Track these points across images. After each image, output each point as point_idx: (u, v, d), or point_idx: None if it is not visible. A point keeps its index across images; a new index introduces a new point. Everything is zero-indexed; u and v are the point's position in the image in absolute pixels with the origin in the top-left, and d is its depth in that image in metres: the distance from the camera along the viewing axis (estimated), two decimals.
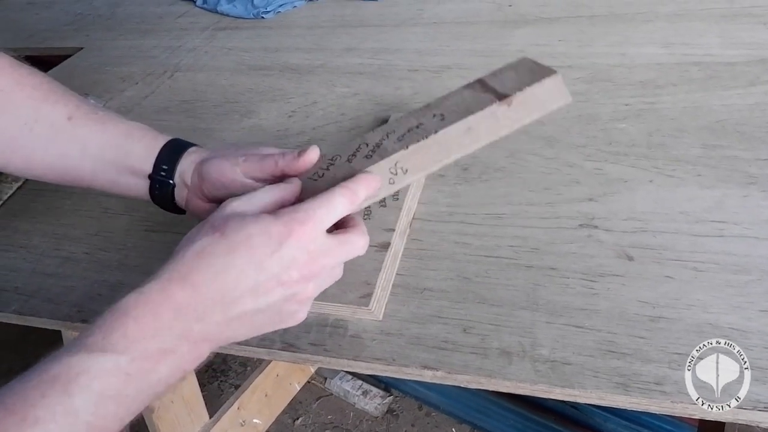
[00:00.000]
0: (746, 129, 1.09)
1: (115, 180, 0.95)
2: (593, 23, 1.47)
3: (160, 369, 0.67)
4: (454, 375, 0.83)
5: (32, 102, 0.94)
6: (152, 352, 0.66)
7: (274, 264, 0.71)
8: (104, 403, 0.62)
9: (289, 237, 0.71)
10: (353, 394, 2.50)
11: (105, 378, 0.63)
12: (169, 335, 0.67)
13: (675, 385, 0.76)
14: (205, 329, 0.70)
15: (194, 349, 0.70)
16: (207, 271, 0.69)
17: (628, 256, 0.92)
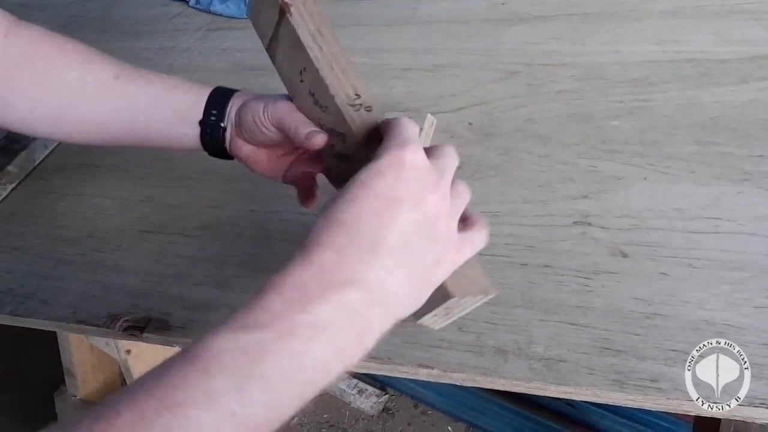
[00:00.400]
0: (739, 126, 1.09)
1: (166, 132, 0.95)
2: (586, 21, 1.47)
3: (314, 348, 0.58)
4: (450, 373, 0.83)
5: (77, 65, 0.95)
6: (302, 329, 0.58)
7: (403, 191, 0.64)
8: (249, 387, 0.55)
9: (403, 161, 0.65)
10: (349, 392, 2.50)
11: (248, 357, 0.55)
12: (321, 306, 0.59)
13: (671, 382, 0.76)
14: (367, 292, 0.61)
15: (360, 320, 0.61)
16: (341, 229, 0.62)
17: (623, 253, 0.92)
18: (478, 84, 1.34)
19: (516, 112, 1.24)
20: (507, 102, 1.27)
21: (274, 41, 0.86)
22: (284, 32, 0.82)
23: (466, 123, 1.23)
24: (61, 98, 0.94)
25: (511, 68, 1.36)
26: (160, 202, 1.21)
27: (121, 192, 1.26)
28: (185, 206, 1.19)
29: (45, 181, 1.34)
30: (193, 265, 1.06)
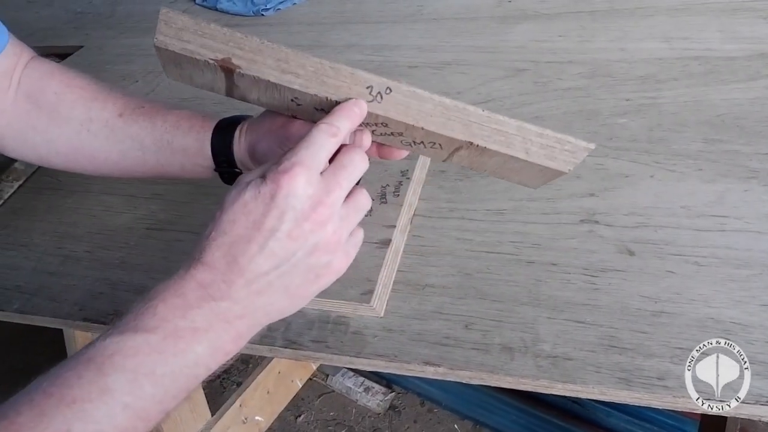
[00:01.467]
0: (747, 123, 1.09)
1: (181, 170, 0.97)
2: (594, 18, 1.47)
3: (195, 348, 0.66)
4: (456, 371, 0.83)
5: (82, 102, 0.96)
6: (184, 331, 0.66)
7: (276, 222, 0.68)
8: (139, 382, 0.62)
9: (280, 190, 0.68)
10: (355, 390, 2.50)
11: (137, 356, 0.63)
12: (199, 314, 0.67)
13: (677, 380, 0.76)
14: (235, 306, 0.69)
15: (230, 327, 0.69)
16: (217, 249, 0.69)
17: (630, 251, 0.92)
18: (485, 81, 1.34)
19: (523, 110, 1.23)
20: (514, 99, 1.27)
21: (234, 92, 0.82)
22: (245, 83, 0.78)
23: None
24: (70, 135, 0.96)
25: (518, 65, 1.36)
26: (167, 199, 1.21)
27: (128, 189, 1.26)
28: (192, 203, 1.19)
29: (52, 178, 1.34)
30: None
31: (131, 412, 0.61)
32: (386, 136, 0.83)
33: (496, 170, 0.83)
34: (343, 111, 0.75)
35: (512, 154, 0.77)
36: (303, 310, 0.92)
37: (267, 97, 0.81)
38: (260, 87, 0.78)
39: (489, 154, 0.78)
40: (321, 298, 0.90)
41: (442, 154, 0.83)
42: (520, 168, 0.79)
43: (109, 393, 0.60)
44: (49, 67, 0.97)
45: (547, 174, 0.80)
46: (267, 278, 0.69)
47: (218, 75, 0.78)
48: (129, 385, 0.61)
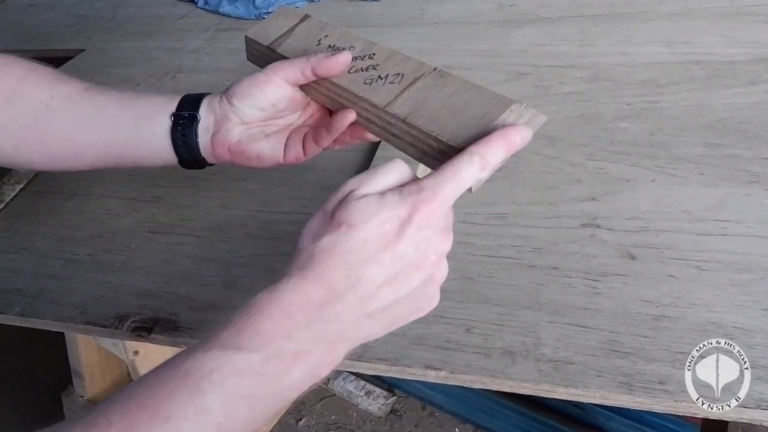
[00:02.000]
0: (748, 128, 1.09)
1: (132, 135, 0.94)
2: (595, 22, 1.47)
3: (293, 372, 0.63)
4: (458, 375, 0.83)
5: (47, 82, 0.95)
6: (286, 353, 0.62)
7: (408, 249, 0.66)
8: (235, 403, 0.60)
9: (418, 217, 0.65)
10: (356, 394, 2.50)
11: (237, 377, 0.60)
12: (304, 336, 0.63)
13: (678, 384, 0.76)
14: (342, 329, 0.65)
15: (331, 350, 0.65)
16: (341, 268, 0.65)
17: (631, 255, 0.92)
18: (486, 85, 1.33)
19: None
20: None
21: (282, 37, 0.94)
22: (303, 27, 0.94)
23: None
24: (27, 116, 0.93)
25: (520, 69, 1.37)
26: (168, 203, 1.21)
27: (129, 192, 1.26)
28: (194, 206, 1.19)
29: (53, 181, 1.34)
30: (202, 265, 1.06)
31: (223, 430, 0.59)
32: (357, 73, 0.85)
33: (435, 112, 0.77)
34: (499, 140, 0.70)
35: (468, 80, 0.78)
36: None
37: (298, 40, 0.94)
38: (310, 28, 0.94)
39: (447, 81, 0.79)
40: None
41: (395, 90, 0.82)
42: (467, 101, 0.76)
43: (205, 413, 0.58)
44: (12, 58, 0.95)
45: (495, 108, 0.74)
46: (385, 307, 0.67)
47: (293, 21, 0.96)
48: (225, 406, 0.59)
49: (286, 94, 0.89)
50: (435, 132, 0.74)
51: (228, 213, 1.15)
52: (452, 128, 0.73)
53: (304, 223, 0.69)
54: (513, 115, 0.72)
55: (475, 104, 0.74)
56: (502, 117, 0.72)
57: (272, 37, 0.95)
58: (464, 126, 0.73)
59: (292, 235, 1.05)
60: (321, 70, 0.85)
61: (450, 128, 0.73)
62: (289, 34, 0.94)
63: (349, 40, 0.89)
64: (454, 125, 0.74)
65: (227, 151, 0.93)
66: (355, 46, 0.87)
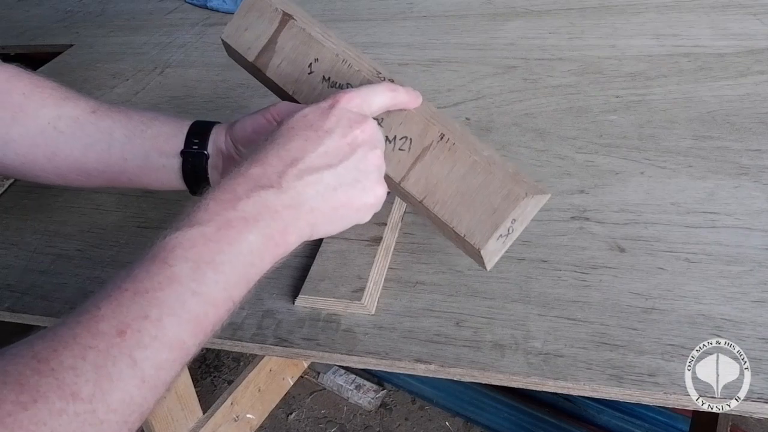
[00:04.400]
0: (737, 120, 1.09)
1: (142, 165, 0.96)
2: (583, 15, 1.47)
3: (247, 237, 0.70)
4: (447, 368, 0.83)
5: (53, 101, 0.95)
6: (236, 222, 0.70)
7: (332, 125, 0.77)
8: (201, 270, 0.66)
9: (337, 103, 0.78)
10: (346, 388, 2.50)
11: (196, 247, 0.67)
12: (247, 204, 0.71)
13: (668, 377, 0.76)
14: (283, 195, 0.73)
15: (278, 217, 0.72)
16: (272, 148, 0.75)
17: (620, 247, 0.93)
18: (475, 79, 1.34)
19: (513, 107, 1.24)
20: (504, 96, 1.27)
21: (267, 51, 0.95)
22: (286, 38, 0.93)
23: (463, 118, 1.23)
24: (33, 134, 0.94)
25: (508, 63, 1.37)
26: (157, 198, 1.21)
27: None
28: (183, 201, 1.18)
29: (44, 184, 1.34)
30: None
31: (200, 298, 0.65)
32: None
33: (449, 198, 0.82)
34: (408, 89, 0.86)
35: (477, 159, 0.79)
36: (294, 308, 0.92)
37: (287, 62, 0.94)
38: (296, 43, 0.93)
39: (456, 156, 0.81)
40: (312, 296, 0.90)
41: (407, 161, 0.84)
42: (477, 188, 0.79)
43: (176, 281, 0.65)
44: (16, 70, 0.96)
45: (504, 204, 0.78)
46: (318, 174, 0.75)
47: (272, 25, 0.95)
48: (193, 273, 0.66)
49: None
50: (451, 223, 0.80)
51: None
52: (467, 222, 0.80)
53: None
54: (520, 208, 0.78)
55: (486, 193, 0.79)
56: (512, 213, 0.78)
57: (253, 48, 0.96)
58: (478, 221, 0.79)
59: None
60: None
61: (465, 221, 0.80)
62: (273, 47, 0.95)
63: (343, 73, 0.89)
64: (469, 218, 0.80)
65: None
66: (352, 85, 0.88)
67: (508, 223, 0.77)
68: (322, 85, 0.90)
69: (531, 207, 0.78)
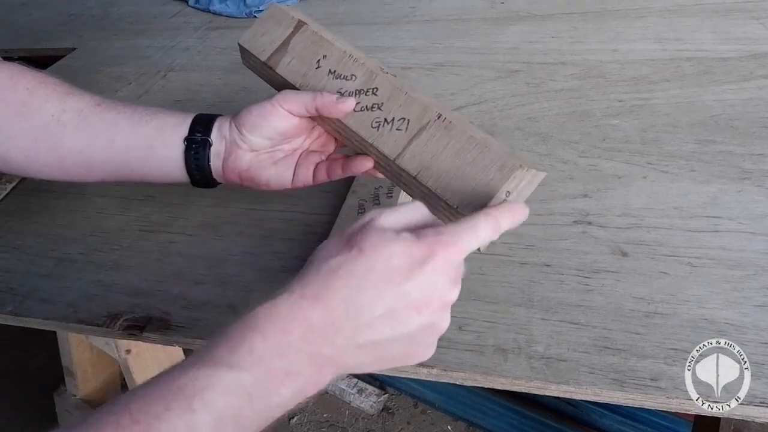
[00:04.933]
0: (740, 124, 1.09)
1: (146, 155, 0.95)
2: (586, 19, 1.47)
3: (282, 391, 0.63)
4: (450, 372, 0.83)
5: (57, 95, 0.95)
6: (277, 373, 0.62)
7: (414, 289, 0.64)
8: (224, 422, 0.60)
9: (432, 260, 0.65)
10: (349, 392, 2.50)
11: (228, 396, 0.60)
12: (296, 356, 0.63)
13: (671, 381, 0.76)
14: (334, 353, 0.64)
15: (318, 373, 0.64)
16: (342, 291, 0.64)
17: (623, 252, 0.92)
18: (477, 83, 1.34)
19: (516, 111, 1.24)
20: (507, 101, 1.27)
21: (279, 52, 0.96)
22: (298, 40, 0.95)
23: None
24: (37, 129, 0.94)
25: (511, 67, 1.37)
26: (160, 201, 1.21)
27: (121, 191, 1.26)
28: (186, 205, 1.19)
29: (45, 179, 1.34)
30: (194, 263, 1.05)
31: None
32: (363, 112, 0.88)
33: (443, 172, 0.80)
34: (510, 211, 0.73)
35: (473, 135, 0.78)
36: None
37: (297, 60, 0.95)
38: (307, 43, 0.94)
39: (452, 134, 0.80)
40: None
41: (403, 140, 0.83)
42: (472, 161, 0.78)
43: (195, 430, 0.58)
44: (19, 67, 0.96)
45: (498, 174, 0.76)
46: (378, 341, 0.65)
47: (287, 31, 0.97)
48: (214, 424, 0.59)
49: (292, 124, 0.91)
50: (445, 196, 0.77)
51: (220, 211, 1.15)
52: (461, 194, 0.77)
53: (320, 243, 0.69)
54: (515, 180, 0.75)
55: (481, 166, 0.77)
56: (506, 184, 0.75)
57: (267, 50, 0.97)
58: (472, 192, 0.76)
59: (284, 233, 1.05)
60: (326, 111, 0.88)
61: (459, 194, 0.77)
62: (285, 48, 0.95)
63: (349, 67, 0.90)
64: (462, 191, 0.77)
65: (238, 177, 0.95)
66: (356, 75, 0.89)
67: (503, 195, 0.75)
68: (328, 77, 0.91)
69: (526, 182, 0.77)
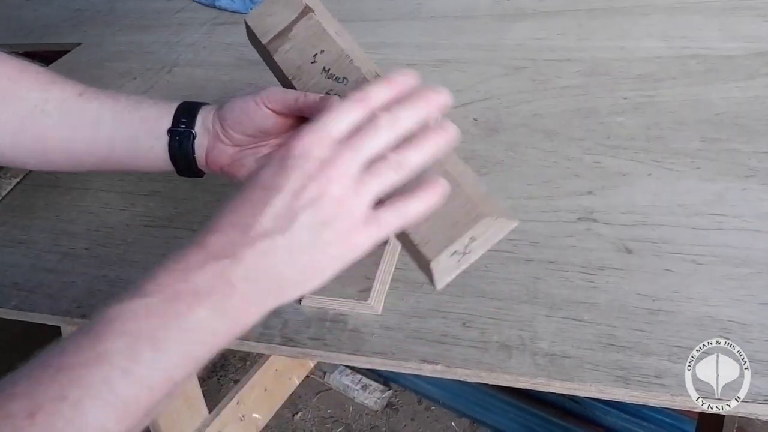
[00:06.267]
0: (745, 122, 1.09)
1: (132, 145, 0.94)
2: (592, 16, 1.47)
3: (197, 312, 0.63)
4: (454, 369, 0.83)
5: (39, 85, 0.94)
6: (184, 293, 0.63)
7: (282, 181, 0.67)
8: (138, 346, 0.59)
9: (289, 152, 0.67)
10: (353, 388, 2.50)
11: (136, 320, 0.60)
12: (200, 275, 0.64)
13: (675, 378, 0.76)
14: (238, 266, 0.65)
15: (234, 290, 0.65)
16: (224, 215, 0.68)
17: (628, 249, 0.92)
18: (483, 79, 1.34)
19: (521, 108, 1.24)
20: (512, 97, 1.27)
21: (281, 37, 0.92)
22: (301, 28, 0.91)
23: (471, 118, 1.23)
24: (20, 118, 0.93)
25: (517, 63, 1.36)
26: (165, 196, 1.21)
27: (126, 186, 1.26)
28: (190, 200, 1.19)
29: (50, 174, 1.34)
30: None
31: (132, 380, 0.58)
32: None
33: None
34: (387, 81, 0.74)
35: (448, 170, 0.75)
36: (300, 308, 0.92)
37: (295, 50, 0.92)
38: (309, 34, 0.91)
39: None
40: (318, 295, 0.90)
41: None
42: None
43: (105, 358, 0.58)
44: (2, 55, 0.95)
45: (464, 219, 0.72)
46: (272, 239, 0.66)
47: (292, 15, 0.92)
48: (127, 349, 0.59)
49: (275, 122, 0.90)
50: (408, 230, 0.74)
51: None
52: (424, 230, 0.73)
53: None
54: (482, 227, 0.72)
55: (449, 207, 0.73)
56: (471, 230, 0.72)
57: (270, 32, 0.95)
58: (436, 231, 0.73)
59: None
60: (309, 112, 0.85)
61: (422, 230, 0.73)
62: (287, 33, 0.93)
63: (343, 68, 0.87)
64: (427, 227, 0.73)
65: (220, 170, 0.94)
66: (348, 79, 0.86)
67: (466, 240, 0.72)
68: (321, 75, 0.88)
69: (494, 230, 0.74)
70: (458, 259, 0.73)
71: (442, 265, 0.73)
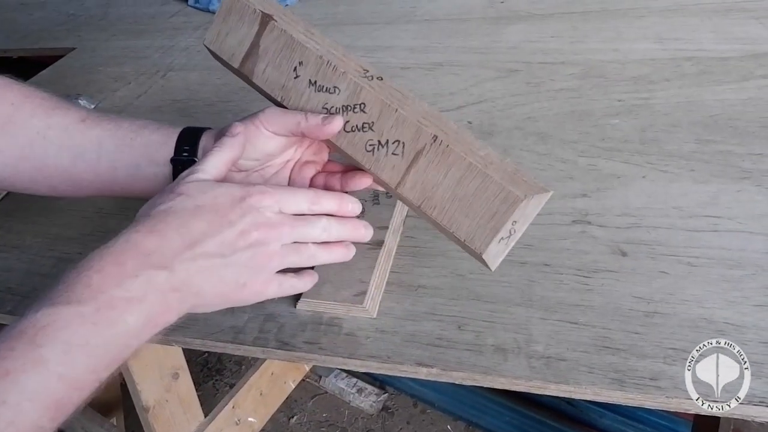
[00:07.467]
0: (739, 124, 1.09)
1: (134, 173, 0.94)
2: (586, 19, 1.47)
3: (127, 318, 0.68)
4: (449, 372, 0.83)
5: (43, 110, 0.94)
6: (117, 301, 0.67)
7: (237, 217, 0.76)
8: (73, 353, 0.63)
9: (250, 197, 0.78)
10: (348, 391, 2.50)
11: (70, 328, 0.64)
12: (133, 283, 0.69)
13: (670, 381, 0.76)
14: (173, 277, 0.71)
15: (162, 299, 0.71)
16: (174, 222, 0.74)
17: (622, 251, 0.92)
18: (477, 82, 1.34)
19: (515, 111, 1.24)
20: (506, 100, 1.27)
21: (251, 56, 0.93)
22: (269, 40, 0.91)
23: (465, 121, 1.23)
24: (22, 145, 0.93)
25: (511, 66, 1.37)
26: None
27: None
28: None
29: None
30: None
31: (66, 383, 0.63)
32: (354, 133, 0.86)
33: (446, 203, 0.79)
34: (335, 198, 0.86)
35: (472, 161, 0.76)
36: (296, 312, 0.92)
37: (272, 66, 0.91)
38: (278, 46, 0.90)
39: (450, 160, 0.78)
40: (314, 299, 0.90)
41: (401, 166, 0.82)
42: (474, 192, 0.77)
43: (43, 364, 0.61)
44: (5, 80, 0.95)
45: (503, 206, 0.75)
46: (210, 261, 0.74)
47: (253, 29, 0.92)
48: (63, 356, 0.63)
49: (278, 144, 0.91)
50: (451, 229, 0.78)
51: None
52: (467, 227, 0.77)
53: None
54: (520, 210, 0.75)
55: (483, 198, 0.76)
56: (512, 216, 0.75)
57: (237, 54, 0.95)
58: (477, 226, 0.77)
59: None
60: (312, 135, 0.87)
61: (465, 227, 0.78)
62: (256, 51, 0.92)
63: (329, 77, 0.87)
64: (468, 223, 0.77)
65: None
66: (339, 88, 0.86)
67: (509, 226, 0.75)
68: (309, 89, 0.88)
69: (531, 207, 0.77)
70: (506, 242, 0.78)
71: (492, 253, 0.77)
